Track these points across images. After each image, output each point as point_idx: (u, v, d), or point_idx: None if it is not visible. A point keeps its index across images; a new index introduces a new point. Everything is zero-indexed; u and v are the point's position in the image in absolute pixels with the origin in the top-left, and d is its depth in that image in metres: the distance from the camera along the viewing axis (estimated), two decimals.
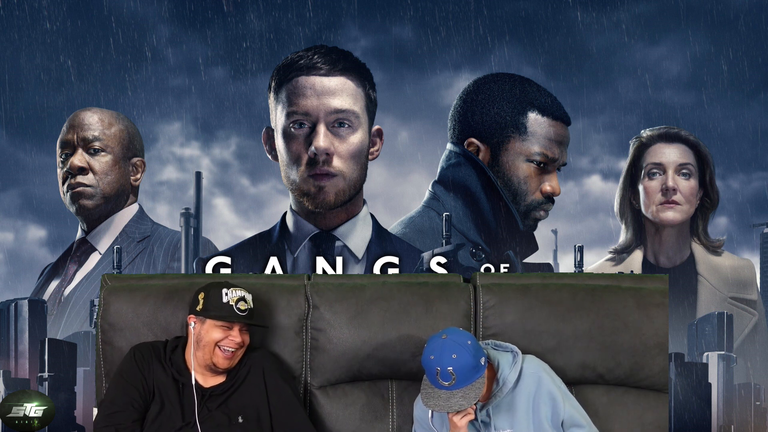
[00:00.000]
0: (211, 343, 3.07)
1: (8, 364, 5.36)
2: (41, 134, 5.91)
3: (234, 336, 3.07)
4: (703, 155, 5.68)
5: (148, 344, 3.18)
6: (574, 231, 6.00)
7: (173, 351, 3.15)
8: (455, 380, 2.85)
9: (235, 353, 3.09)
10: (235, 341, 3.07)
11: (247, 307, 3.08)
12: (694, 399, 5.41)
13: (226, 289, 3.09)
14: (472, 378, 2.89)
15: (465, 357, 2.88)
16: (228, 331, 3.07)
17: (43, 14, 5.91)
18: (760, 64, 5.99)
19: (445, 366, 2.86)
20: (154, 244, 5.65)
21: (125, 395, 3.07)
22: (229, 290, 3.09)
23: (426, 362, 2.93)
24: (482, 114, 5.38)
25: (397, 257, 4.87)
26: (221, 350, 3.07)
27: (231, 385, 3.12)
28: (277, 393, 3.13)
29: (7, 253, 6.05)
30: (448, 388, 2.87)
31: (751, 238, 6.02)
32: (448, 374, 2.85)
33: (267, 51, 5.99)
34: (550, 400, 3.07)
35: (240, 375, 3.14)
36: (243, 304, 3.07)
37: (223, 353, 3.07)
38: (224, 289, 3.09)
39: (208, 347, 3.08)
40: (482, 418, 3.06)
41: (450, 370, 2.85)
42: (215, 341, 3.07)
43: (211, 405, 3.09)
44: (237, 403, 3.11)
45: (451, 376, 2.85)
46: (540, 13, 6.10)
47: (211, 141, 6.17)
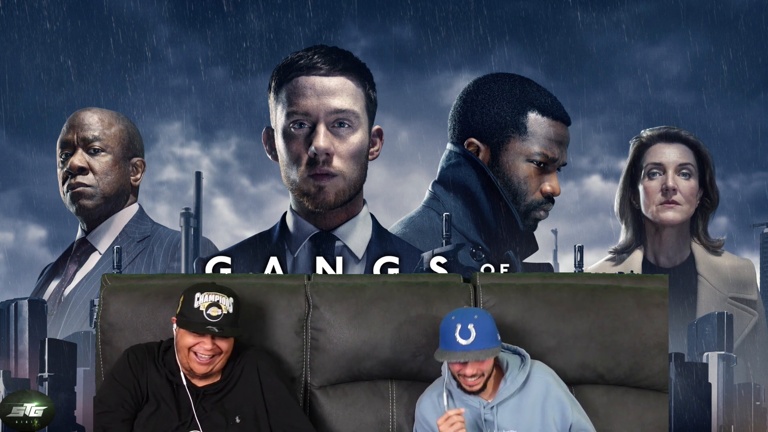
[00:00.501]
0: (185, 348, 3.01)
1: (8, 364, 5.36)
2: (41, 134, 5.91)
3: (205, 343, 2.98)
4: (703, 155, 5.68)
5: (143, 346, 3.15)
6: (574, 231, 6.01)
7: (166, 352, 3.11)
8: (474, 338, 2.90)
9: (213, 360, 3.01)
10: (205, 348, 2.98)
11: (220, 312, 2.97)
12: (694, 399, 5.41)
13: (200, 293, 2.99)
14: (489, 344, 2.94)
15: (487, 320, 2.97)
16: (199, 338, 2.98)
17: (43, 14, 5.91)
18: (760, 64, 5.99)
19: (466, 323, 2.92)
20: (154, 244, 5.65)
21: (116, 396, 3.05)
22: (202, 294, 2.99)
23: (446, 323, 2.98)
24: (482, 114, 5.38)
25: (397, 257, 4.87)
26: (196, 356, 3.00)
27: (225, 385, 3.10)
28: (272, 391, 3.10)
29: (7, 253, 6.05)
30: (465, 347, 2.91)
31: (751, 238, 6.02)
32: (468, 331, 2.91)
33: (267, 51, 5.99)
34: (559, 405, 3.10)
35: (234, 374, 3.10)
36: (214, 310, 2.96)
37: (198, 359, 3.00)
38: (197, 293, 2.99)
39: (183, 352, 3.02)
40: (486, 415, 3.07)
41: (470, 327, 2.91)
42: (188, 347, 3.00)
43: (206, 405, 3.07)
44: (233, 402, 3.09)
45: (470, 333, 2.90)
46: (540, 13, 6.10)
47: (211, 141, 6.18)
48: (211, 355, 2.99)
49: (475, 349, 2.93)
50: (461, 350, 2.94)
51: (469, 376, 2.98)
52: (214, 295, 2.99)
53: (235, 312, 3.02)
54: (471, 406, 3.08)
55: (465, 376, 2.99)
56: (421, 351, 3.33)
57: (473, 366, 2.97)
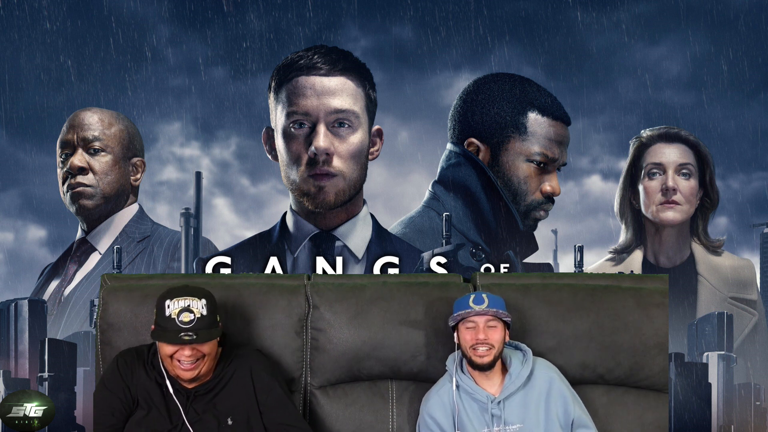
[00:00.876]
0: (166, 357, 2.95)
1: (8, 364, 5.36)
2: (41, 134, 5.91)
3: (184, 350, 2.91)
4: (703, 155, 5.67)
5: (133, 350, 3.10)
6: (574, 231, 6.01)
7: (155, 355, 3.05)
8: (487, 302, 3.09)
9: (197, 364, 2.94)
10: (185, 355, 2.91)
11: (193, 317, 2.88)
12: (694, 399, 5.40)
13: (170, 300, 2.91)
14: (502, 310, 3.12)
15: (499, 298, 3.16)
16: (177, 345, 2.90)
17: (43, 14, 5.91)
18: (760, 64, 5.99)
19: (480, 293, 3.14)
20: (154, 244, 5.65)
21: (105, 402, 3.03)
22: (172, 301, 2.90)
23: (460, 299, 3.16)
24: (482, 114, 5.38)
25: (397, 257, 4.87)
26: (179, 363, 2.94)
27: (216, 385, 3.05)
28: (265, 391, 3.06)
29: (7, 253, 6.05)
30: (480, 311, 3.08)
31: (751, 238, 6.02)
32: (481, 298, 3.10)
33: (267, 51, 5.99)
34: (562, 400, 3.15)
35: (226, 374, 3.05)
36: (186, 316, 2.87)
37: (182, 365, 2.94)
38: (167, 300, 2.91)
39: (166, 360, 2.97)
40: (493, 410, 3.09)
41: (484, 296, 3.12)
42: (168, 355, 2.94)
43: (197, 406, 3.03)
44: (225, 404, 3.05)
45: (484, 300, 3.10)
46: (540, 13, 6.10)
47: (211, 141, 6.18)
48: (193, 360, 2.93)
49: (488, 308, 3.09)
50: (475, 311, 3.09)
51: (480, 342, 3.06)
52: (184, 300, 2.91)
53: (209, 313, 2.93)
54: (479, 401, 3.10)
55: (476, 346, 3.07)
56: (421, 351, 3.33)
57: (485, 331, 3.07)
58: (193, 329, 2.89)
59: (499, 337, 3.10)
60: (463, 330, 3.11)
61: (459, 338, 3.12)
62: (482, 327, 3.07)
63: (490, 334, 3.08)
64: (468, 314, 3.09)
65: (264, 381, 3.07)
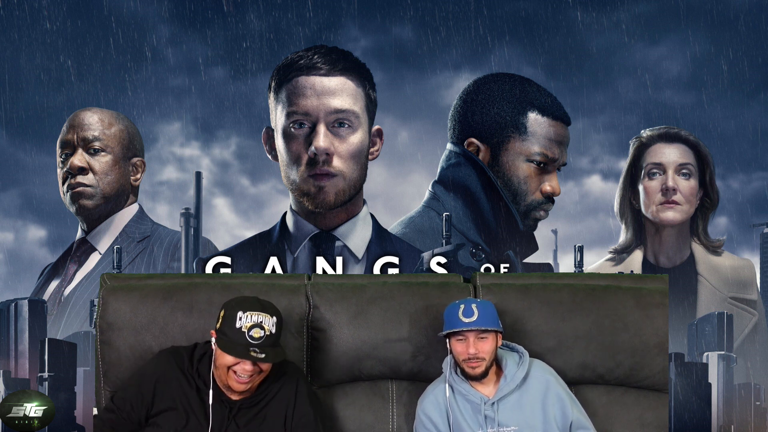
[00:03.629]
0: (224, 367, 2.92)
1: (8, 364, 5.36)
2: (41, 134, 5.91)
3: (246, 365, 2.88)
4: (703, 155, 5.67)
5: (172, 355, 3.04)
6: (574, 231, 6.01)
7: (200, 360, 3.01)
8: (477, 316, 3.03)
9: (253, 378, 2.91)
10: (245, 369, 2.89)
11: (263, 334, 2.85)
12: (694, 399, 5.40)
13: (242, 312, 2.87)
14: (491, 324, 3.05)
15: (489, 306, 3.10)
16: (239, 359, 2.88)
17: (43, 14, 5.91)
18: (760, 64, 5.99)
19: (469, 304, 3.06)
20: (154, 244, 5.65)
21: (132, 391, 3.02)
22: (245, 314, 2.87)
23: (450, 307, 3.10)
24: (482, 114, 5.38)
25: (397, 257, 4.87)
26: (236, 374, 2.91)
27: (260, 400, 3.01)
28: (299, 415, 3.02)
29: (7, 253, 6.05)
30: (468, 324, 3.03)
31: (751, 238, 6.02)
32: (471, 310, 3.04)
33: (267, 51, 5.99)
34: (559, 402, 3.13)
35: (272, 390, 3.02)
36: (257, 332, 2.84)
37: (237, 378, 2.91)
38: (239, 312, 2.88)
39: (222, 369, 2.93)
40: (486, 412, 3.08)
41: (474, 307, 3.06)
42: (227, 365, 2.91)
43: (240, 420, 2.99)
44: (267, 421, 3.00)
45: (473, 312, 3.04)
46: (540, 13, 6.10)
47: (211, 141, 6.18)
48: (250, 374, 2.90)
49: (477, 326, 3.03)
50: (464, 326, 3.03)
51: (471, 356, 3.04)
52: (257, 315, 2.87)
53: (277, 332, 2.91)
54: (472, 402, 3.10)
55: (467, 359, 3.05)
56: (421, 351, 3.33)
57: (475, 345, 3.04)
58: (261, 346, 2.86)
59: (490, 348, 3.07)
60: (454, 342, 3.09)
61: (450, 348, 3.11)
62: (472, 341, 3.05)
63: (481, 347, 3.05)
64: (457, 330, 3.06)
65: (302, 406, 3.03)
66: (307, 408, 3.04)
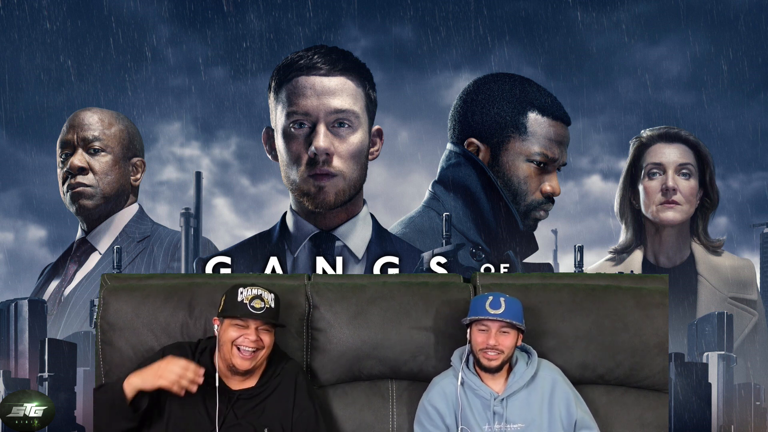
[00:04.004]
0: (228, 342, 3.02)
1: (8, 364, 5.36)
2: (41, 134, 5.91)
3: (249, 334, 3.01)
4: (703, 155, 5.67)
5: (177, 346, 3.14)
6: (574, 231, 6.01)
7: (202, 353, 3.10)
8: (503, 309, 3.06)
9: (255, 354, 3.02)
10: (249, 339, 3.01)
11: (264, 306, 3.01)
12: (694, 399, 5.40)
13: (242, 288, 3.04)
14: (517, 319, 3.09)
15: (517, 303, 3.13)
16: (243, 330, 3.01)
17: (43, 14, 5.91)
18: (760, 64, 5.99)
19: (498, 297, 3.10)
20: (154, 244, 5.65)
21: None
22: (245, 289, 3.04)
23: (478, 298, 3.15)
24: (482, 114, 5.37)
25: (397, 257, 4.86)
26: (239, 350, 3.01)
27: (259, 392, 3.08)
28: (300, 409, 3.08)
29: (7, 253, 6.05)
30: (495, 315, 3.06)
31: (751, 238, 6.02)
32: (498, 303, 3.08)
33: (267, 51, 5.99)
34: (565, 401, 3.16)
35: (271, 384, 3.09)
36: (258, 302, 3.01)
37: (241, 353, 3.01)
38: (240, 288, 3.04)
39: (226, 346, 3.03)
40: (495, 408, 3.10)
41: (502, 300, 3.09)
42: (231, 340, 3.01)
43: (238, 411, 3.05)
44: (265, 413, 3.06)
45: (501, 305, 3.07)
46: (540, 13, 6.10)
47: (211, 141, 6.18)
48: (254, 349, 3.01)
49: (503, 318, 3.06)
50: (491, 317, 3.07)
51: (491, 347, 3.07)
52: (256, 289, 3.04)
53: (276, 308, 3.07)
54: (481, 397, 3.11)
55: (486, 350, 3.07)
56: (421, 351, 3.33)
57: (497, 337, 3.06)
58: (262, 317, 3.01)
59: (510, 343, 3.10)
60: (475, 331, 3.11)
61: (471, 337, 3.12)
62: (494, 332, 3.08)
63: (502, 340, 3.08)
64: (482, 318, 3.09)
65: (303, 399, 3.10)
66: (308, 402, 3.10)
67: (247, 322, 3.01)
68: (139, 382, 2.97)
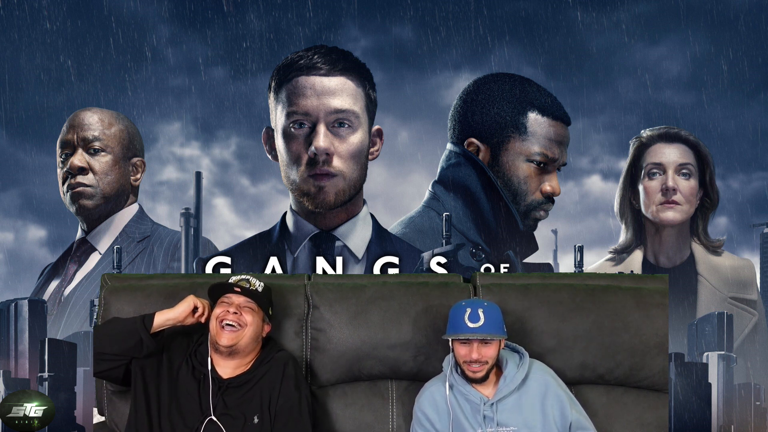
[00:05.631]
0: (214, 320, 3.12)
1: (8, 364, 5.36)
2: (41, 134, 5.91)
3: (231, 309, 3.11)
4: (703, 155, 5.67)
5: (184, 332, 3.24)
6: (574, 231, 6.01)
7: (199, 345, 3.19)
8: (483, 322, 3.01)
9: (238, 333, 3.10)
10: (231, 312, 3.10)
11: (248, 286, 3.14)
12: (694, 399, 5.40)
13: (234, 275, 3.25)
14: (497, 331, 3.04)
15: (495, 310, 3.09)
16: (226, 306, 3.12)
17: (43, 14, 5.91)
18: (760, 64, 5.98)
19: (476, 308, 3.04)
20: (154, 244, 5.65)
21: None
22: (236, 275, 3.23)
23: (455, 308, 3.09)
24: (482, 114, 5.37)
25: (397, 257, 4.86)
26: (222, 327, 3.10)
27: (248, 380, 3.12)
28: (285, 397, 3.11)
29: (7, 253, 6.05)
30: (473, 329, 3.01)
31: (751, 238, 6.02)
32: (477, 315, 3.02)
33: (267, 51, 5.99)
34: (559, 403, 3.13)
35: (260, 371, 3.13)
36: (244, 283, 3.14)
37: (224, 329, 3.10)
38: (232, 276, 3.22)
39: (212, 325, 3.13)
40: (485, 412, 3.08)
41: (480, 311, 3.03)
42: (216, 317, 3.12)
43: (228, 399, 3.09)
44: (254, 401, 3.10)
45: (479, 317, 3.02)
46: (540, 13, 6.10)
47: (211, 141, 6.18)
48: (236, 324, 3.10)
49: (482, 332, 3.01)
50: (469, 332, 3.02)
51: (473, 360, 3.03)
52: (246, 275, 3.21)
53: (264, 293, 3.18)
54: (471, 402, 3.10)
55: (469, 362, 3.04)
56: (421, 351, 3.33)
57: (479, 350, 3.03)
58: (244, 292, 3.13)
59: (493, 352, 3.08)
60: (456, 344, 3.10)
61: (453, 348, 3.11)
62: (476, 346, 3.05)
63: (484, 352, 3.06)
64: (462, 335, 3.06)
65: (288, 388, 3.13)
66: (293, 392, 3.12)
67: (230, 297, 3.13)
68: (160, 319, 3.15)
